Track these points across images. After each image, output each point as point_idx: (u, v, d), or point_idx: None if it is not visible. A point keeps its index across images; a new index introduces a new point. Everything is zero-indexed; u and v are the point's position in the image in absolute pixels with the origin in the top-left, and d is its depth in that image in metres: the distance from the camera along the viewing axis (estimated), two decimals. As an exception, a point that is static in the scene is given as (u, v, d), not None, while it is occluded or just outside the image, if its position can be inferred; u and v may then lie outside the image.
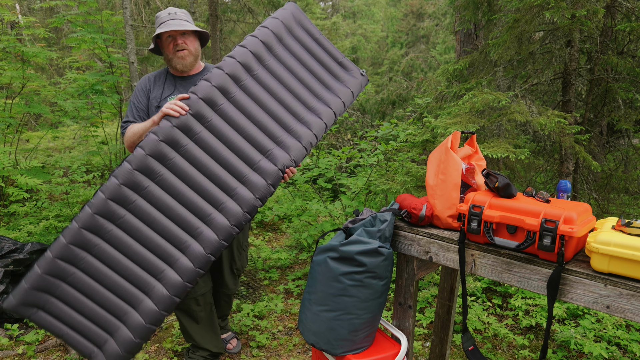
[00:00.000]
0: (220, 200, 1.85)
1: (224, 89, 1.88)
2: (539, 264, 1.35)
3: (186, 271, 1.80)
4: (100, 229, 1.76)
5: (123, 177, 1.76)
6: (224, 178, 1.87)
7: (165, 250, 1.81)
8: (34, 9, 12.00)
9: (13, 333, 2.73)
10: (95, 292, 1.79)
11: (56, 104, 6.35)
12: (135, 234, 1.79)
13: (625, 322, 2.77)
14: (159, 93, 2.19)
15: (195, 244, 1.82)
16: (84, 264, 1.76)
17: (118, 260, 1.79)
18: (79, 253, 1.75)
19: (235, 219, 1.85)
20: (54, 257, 1.73)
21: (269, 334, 2.79)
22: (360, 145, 4.54)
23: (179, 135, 1.81)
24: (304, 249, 4.14)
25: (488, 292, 3.22)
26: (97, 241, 1.76)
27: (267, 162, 1.91)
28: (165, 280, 1.80)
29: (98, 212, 1.74)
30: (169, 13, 2.13)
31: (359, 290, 1.61)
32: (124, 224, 1.78)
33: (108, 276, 1.79)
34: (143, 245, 1.80)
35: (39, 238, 4.23)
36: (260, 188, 1.88)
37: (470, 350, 1.60)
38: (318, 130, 2.01)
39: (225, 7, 10.73)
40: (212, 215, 1.84)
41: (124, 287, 1.80)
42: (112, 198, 1.75)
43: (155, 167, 1.79)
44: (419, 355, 2.59)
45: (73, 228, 1.73)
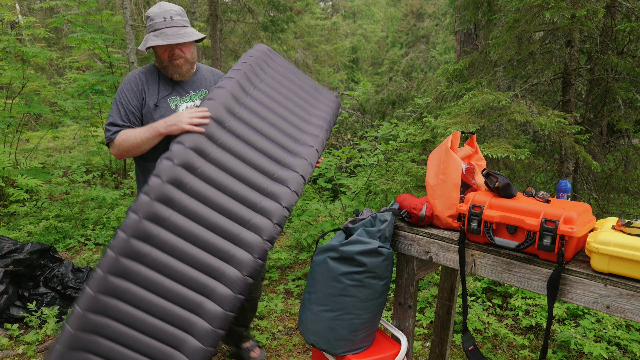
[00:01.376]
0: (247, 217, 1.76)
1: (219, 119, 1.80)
2: (539, 264, 1.35)
3: (225, 299, 1.68)
4: (127, 270, 1.61)
5: (143, 210, 1.62)
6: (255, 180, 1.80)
7: (199, 281, 1.67)
8: (34, 9, 12.00)
9: (13, 333, 2.73)
10: (134, 339, 1.63)
11: (56, 104, 6.35)
12: (164, 269, 1.65)
13: (625, 322, 2.77)
14: (154, 92, 1.99)
15: (230, 268, 1.70)
16: (116, 311, 1.61)
17: (151, 300, 1.64)
18: (109, 301, 1.60)
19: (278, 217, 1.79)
20: (84, 311, 1.57)
21: (269, 334, 2.79)
22: (360, 145, 4.53)
23: (195, 157, 1.71)
24: (304, 249, 4.14)
25: (488, 292, 3.22)
26: (125, 284, 1.61)
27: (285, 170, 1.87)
28: (205, 313, 1.67)
29: (122, 253, 1.60)
30: (164, 18, 1.90)
31: (359, 290, 1.61)
32: (151, 261, 1.63)
33: (145, 320, 1.64)
34: (175, 280, 1.66)
35: (39, 238, 4.24)
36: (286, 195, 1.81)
37: (471, 350, 1.60)
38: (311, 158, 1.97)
39: (225, 7, 10.73)
40: (248, 224, 1.75)
41: (164, 330, 1.65)
42: (134, 235, 1.61)
43: (175, 196, 1.67)
44: (419, 355, 2.59)
45: (98, 275, 1.57)
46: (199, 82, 2.09)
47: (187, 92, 2.05)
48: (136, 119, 1.97)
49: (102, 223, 4.71)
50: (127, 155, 1.94)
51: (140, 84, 1.98)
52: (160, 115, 1.98)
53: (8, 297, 2.84)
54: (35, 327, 2.85)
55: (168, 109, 1.99)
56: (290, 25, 10.57)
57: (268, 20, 9.88)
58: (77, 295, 3.05)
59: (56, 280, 3.06)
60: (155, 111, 1.98)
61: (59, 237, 4.33)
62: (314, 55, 13.37)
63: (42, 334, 2.75)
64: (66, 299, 3.06)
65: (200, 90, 2.08)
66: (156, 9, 1.92)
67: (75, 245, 4.23)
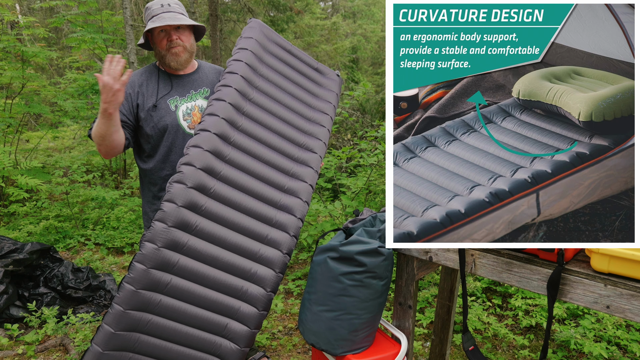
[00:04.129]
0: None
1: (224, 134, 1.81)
2: (539, 264, 1.35)
3: (251, 318, 1.70)
4: (148, 303, 1.57)
5: (162, 240, 1.59)
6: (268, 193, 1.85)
7: (222, 303, 1.68)
8: (34, 9, 11.99)
9: (13, 333, 2.73)
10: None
11: (56, 104, 6.35)
12: (186, 296, 1.63)
13: (625, 322, 2.77)
14: (153, 92, 1.96)
15: (253, 286, 1.72)
16: (139, 344, 1.58)
17: (174, 328, 1.62)
18: (130, 336, 1.56)
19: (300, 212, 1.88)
20: (103, 351, 1.52)
21: (269, 334, 2.80)
22: (360, 145, 4.53)
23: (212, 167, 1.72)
24: (304, 249, 4.14)
25: (488, 292, 3.22)
26: (148, 317, 1.58)
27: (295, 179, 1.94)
28: (230, 334, 1.68)
29: (141, 287, 1.56)
30: (161, 4, 1.92)
31: (359, 290, 1.61)
32: (172, 289, 1.61)
33: (171, 349, 1.62)
34: (198, 305, 1.65)
35: (39, 238, 4.24)
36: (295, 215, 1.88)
37: (471, 350, 1.60)
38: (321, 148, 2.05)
39: (225, 7, 10.73)
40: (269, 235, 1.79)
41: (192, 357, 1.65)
42: (154, 266, 1.57)
43: (192, 220, 1.66)
44: (419, 355, 2.59)
45: (117, 312, 1.52)
46: (200, 80, 2.04)
47: (188, 91, 2.01)
48: (129, 119, 1.94)
49: (102, 223, 4.71)
50: (104, 150, 1.86)
51: (137, 86, 1.95)
52: (159, 116, 1.94)
53: (8, 297, 2.84)
54: (35, 327, 2.85)
55: (168, 109, 1.96)
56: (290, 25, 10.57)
57: (268, 20, 9.88)
58: (77, 295, 3.05)
59: (56, 280, 3.06)
60: (154, 111, 1.94)
61: (59, 237, 4.33)
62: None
63: (42, 334, 2.75)
64: (66, 299, 3.06)
65: (202, 89, 2.03)
66: (155, 1, 1.94)
67: (75, 245, 4.23)
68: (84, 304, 3.08)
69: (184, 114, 1.97)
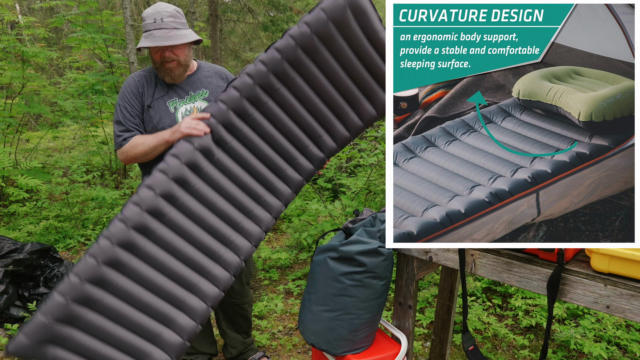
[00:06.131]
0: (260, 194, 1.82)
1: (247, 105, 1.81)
2: (539, 264, 1.35)
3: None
4: (121, 259, 1.56)
5: (147, 204, 1.59)
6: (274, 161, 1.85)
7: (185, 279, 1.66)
8: (34, 9, 12.00)
9: (13, 333, 2.73)
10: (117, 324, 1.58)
11: (56, 104, 6.35)
12: (157, 259, 1.62)
13: (625, 322, 2.77)
14: (150, 94, 1.97)
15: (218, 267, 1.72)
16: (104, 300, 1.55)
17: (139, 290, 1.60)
18: (96, 291, 1.54)
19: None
20: (82, 280, 1.51)
21: (269, 334, 2.79)
22: (360, 145, 4.54)
23: (200, 158, 1.70)
24: (304, 249, 4.14)
25: (488, 292, 3.22)
26: (114, 275, 1.56)
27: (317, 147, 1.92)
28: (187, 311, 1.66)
29: (118, 243, 1.55)
30: (154, 19, 1.84)
31: (359, 290, 1.61)
32: (154, 243, 1.62)
33: (125, 313, 1.58)
34: (163, 273, 1.64)
35: (39, 238, 4.24)
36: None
37: (471, 350, 1.60)
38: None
39: (225, 7, 10.73)
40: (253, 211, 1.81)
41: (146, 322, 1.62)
42: (134, 227, 1.57)
43: (190, 178, 1.68)
44: (419, 355, 2.59)
45: (89, 262, 1.51)
46: (199, 81, 2.03)
47: (187, 92, 2.00)
48: (142, 121, 1.98)
49: (102, 223, 4.71)
50: (134, 162, 1.95)
51: (140, 86, 1.97)
52: (159, 117, 1.95)
53: (8, 297, 2.84)
54: (35, 327, 2.85)
55: (167, 111, 1.96)
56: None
57: (268, 20, 9.88)
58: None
59: (56, 280, 3.06)
60: (148, 112, 1.96)
61: (59, 237, 4.33)
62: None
63: (42, 334, 2.75)
64: (66, 299, 3.06)
65: (201, 90, 2.02)
66: (150, 10, 1.88)
67: (75, 245, 4.23)
68: (84, 304, 3.08)
69: (183, 116, 1.97)
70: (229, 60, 12.02)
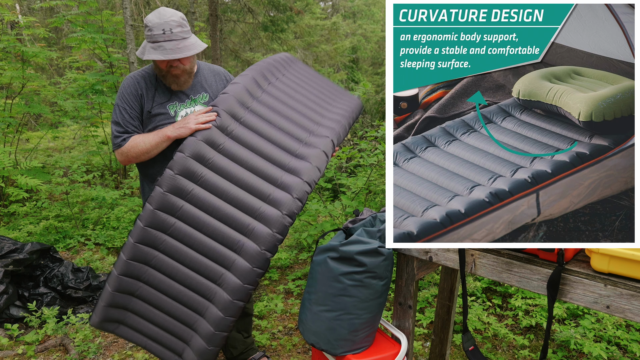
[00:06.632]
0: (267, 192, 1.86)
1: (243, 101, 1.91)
2: (539, 264, 1.35)
3: (244, 273, 1.79)
4: (154, 240, 1.77)
5: (167, 184, 1.75)
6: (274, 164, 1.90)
7: (220, 254, 1.80)
8: (34, 9, 12.00)
9: (13, 333, 2.73)
10: (163, 302, 1.82)
11: (56, 104, 6.35)
12: (188, 240, 1.79)
13: (625, 322, 2.77)
14: (150, 98, 1.95)
15: (249, 242, 1.81)
16: (147, 276, 1.80)
17: (177, 269, 1.79)
18: (140, 267, 1.79)
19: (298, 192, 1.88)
20: (119, 274, 1.77)
21: (269, 334, 2.80)
22: (360, 145, 4.54)
23: (205, 148, 1.81)
24: (304, 249, 4.14)
25: (488, 292, 3.22)
26: (154, 253, 1.78)
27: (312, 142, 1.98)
28: (225, 284, 1.79)
29: (148, 225, 1.76)
30: (163, 30, 1.80)
31: (359, 290, 1.61)
32: (175, 232, 1.77)
33: (172, 286, 1.80)
34: (198, 251, 1.80)
35: (39, 238, 4.24)
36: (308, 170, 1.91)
37: (471, 350, 1.60)
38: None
39: (225, 7, 10.74)
40: (269, 197, 1.84)
41: (189, 296, 1.81)
42: (159, 208, 1.75)
43: (196, 169, 1.79)
44: (419, 355, 2.59)
45: (129, 244, 1.76)
46: (199, 84, 2.03)
47: (188, 96, 2.00)
48: (141, 122, 1.97)
49: (102, 223, 4.71)
50: (134, 161, 1.95)
51: (140, 88, 1.95)
52: (159, 120, 1.94)
53: (8, 297, 2.84)
54: (35, 327, 2.85)
55: (167, 115, 1.96)
56: (290, 25, 10.57)
57: (268, 20, 9.88)
58: (77, 295, 3.05)
59: (56, 280, 3.06)
60: (149, 116, 1.95)
61: (59, 237, 4.33)
62: (314, 55, 13.37)
63: (42, 334, 2.75)
64: (66, 299, 3.06)
65: (201, 94, 2.02)
66: (155, 19, 1.82)
67: (75, 245, 4.24)
68: (84, 304, 3.08)
69: None
70: (229, 60, 12.02)
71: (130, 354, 2.63)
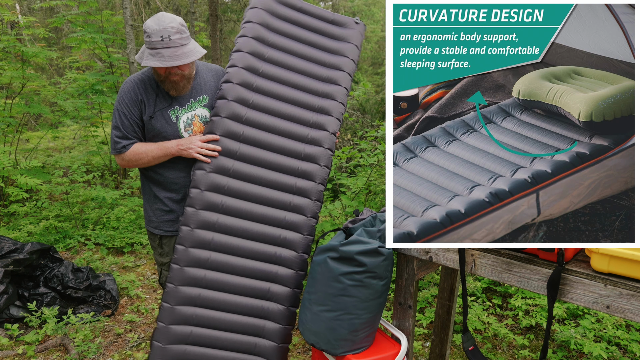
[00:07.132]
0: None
1: (241, 99, 1.98)
2: (539, 264, 1.35)
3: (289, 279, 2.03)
4: (199, 261, 1.89)
5: (194, 221, 1.91)
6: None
7: (261, 270, 1.97)
8: (34, 9, 12.00)
9: (13, 333, 2.73)
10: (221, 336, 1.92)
11: (56, 104, 6.35)
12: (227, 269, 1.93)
13: (625, 322, 2.77)
14: (151, 103, 1.94)
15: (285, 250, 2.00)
16: (196, 319, 1.89)
17: (226, 301, 1.92)
18: (192, 290, 1.89)
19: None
20: (173, 306, 1.86)
21: (269, 334, 2.79)
22: (360, 145, 4.53)
23: (223, 163, 1.94)
24: (304, 249, 4.14)
25: (488, 292, 3.22)
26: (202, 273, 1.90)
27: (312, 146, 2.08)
28: (275, 297, 1.99)
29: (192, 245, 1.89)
30: (161, 37, 1.77)
31: (359, 290, 1.61)
32: (214, 264, 1.91)
33: (224, 318, 1.92)
34: (240, 275, 1.95)
35: (39, 238, 4.24)
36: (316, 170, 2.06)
37: (471, 350, 1.60)
38: (342, 98, 2.14)
39: (225, 7, 10.74)
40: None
41: (243, 322, 1.95)
42: (193, 245, 1.89)
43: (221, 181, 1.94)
44: (419, 355, 2.59)
45: (175, 269, 1.87)
46: (198, 87, 2.01)
47: (188, 100, 1.99)
48: (140, 128, 1.97)
49: (102, 223, 4.71)
50: (133, 167, 2.03)
51: (140, 94, 1.94)
52: (161, 126, 1.94)
53: (8, 297, 2.84)
54: (35, 327, 2.85)
55: (169, 120, 1.95)
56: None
57: (268, 20, 9.86)
58: (77, 295, 3.05)
59: (56, 280, 3.06)
60: (150, 123, 1.95)
61: (59, 237, 4.33)
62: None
63: (42, 334, 2.75)
64: (66, 299, 3.06)
65: (201, 96, 2.01)
66: (154, 25, 1.79)
67: (75, 245, 4.24)
68: (84, 304, 3.08)
69: (185, 125, 1.97)
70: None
71: (130, 354, 2.63)
